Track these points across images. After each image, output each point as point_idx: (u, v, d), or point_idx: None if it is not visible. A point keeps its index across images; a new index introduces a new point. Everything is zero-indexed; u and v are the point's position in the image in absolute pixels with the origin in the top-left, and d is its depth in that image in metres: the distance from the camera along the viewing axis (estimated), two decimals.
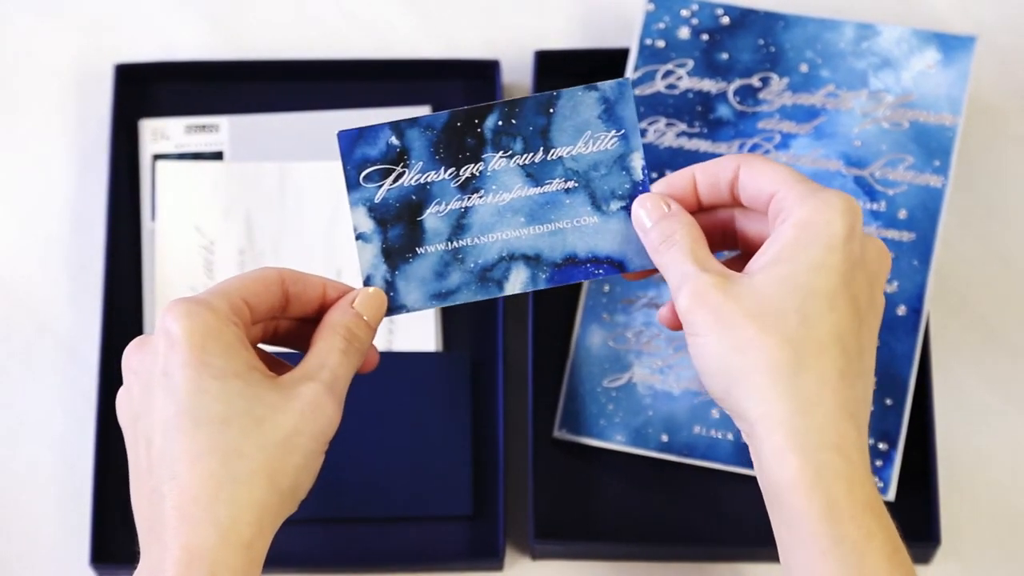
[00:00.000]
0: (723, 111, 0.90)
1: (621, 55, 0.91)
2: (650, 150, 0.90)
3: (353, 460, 0.87)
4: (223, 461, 0.67)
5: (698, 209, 0.73)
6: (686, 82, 0.91)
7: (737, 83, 0.90)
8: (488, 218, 0.72)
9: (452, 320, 0.90)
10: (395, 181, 0.72)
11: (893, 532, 0.68)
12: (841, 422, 0.69)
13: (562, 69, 0.93)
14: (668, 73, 0.91)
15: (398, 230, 0.72)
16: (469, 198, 0.72)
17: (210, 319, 0.70)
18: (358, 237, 0.73)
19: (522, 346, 0.89)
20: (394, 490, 0.87)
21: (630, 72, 0.91)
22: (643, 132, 0.90)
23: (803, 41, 0.90)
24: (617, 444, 0.87)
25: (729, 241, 0.75)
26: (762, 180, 0.72)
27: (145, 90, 0.94)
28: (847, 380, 0.69)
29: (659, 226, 0.72)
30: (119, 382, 0.87)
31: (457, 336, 0.90)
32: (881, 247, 0.72)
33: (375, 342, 0.74)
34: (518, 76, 0.94)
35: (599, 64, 0.93)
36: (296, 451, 0.69)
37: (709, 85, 0.90)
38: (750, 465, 0.86)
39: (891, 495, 0.86)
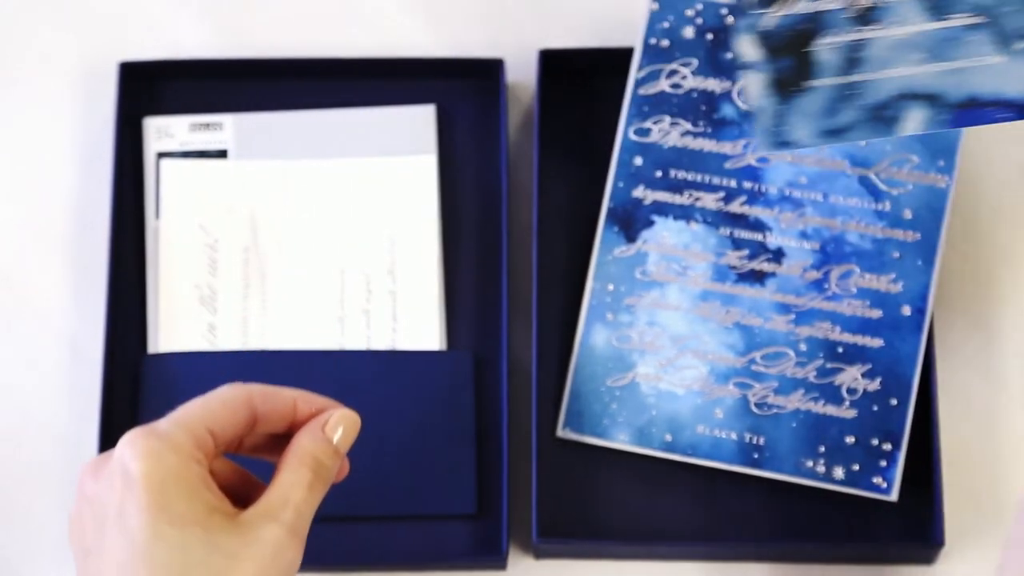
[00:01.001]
0: (727, 110, 0.90)
1: (626, 54, 0.91)
2: (654, 149, 0.90)
3: (356, 458, 0.86)
4: None
5: None
6: (690, 81, 0.90)
7: (741, 82, 0.90)
8: (884, 53, 0.69)
9: (456, 318, 0.90)
10: (786, 8, 0.70)
11: None
12: None
13: (566, 68, 0.93)
14: (672, 72, 0.90)
15: (788, 61, 0.70)
16: (863, 30, 0.69)
17: (172, 460, 0.68)
18: (744, 67, 0.70)
19: (526, 345, 0.89)
20: (397, 488, 0.86)
21: (634, 71, 0.90)
22: (647, 131, 0.90)
23: None
24: (620, 443, 0.87)
25: None
26: None
27: (149, 88, 0.94)
28: None
29: None
30: (123, 381, 0.88)
31: (461, 334, 0.90)
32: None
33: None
34: (522, 75, 0.94)
35: (603, 63, 0.93)
36: None
37: (714, 84, 0.90)
38: (754, 465, 0.86)
39: (894, 496, 0.85)
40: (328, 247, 0.91)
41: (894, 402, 0.86)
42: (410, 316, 0.90)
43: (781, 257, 0.88)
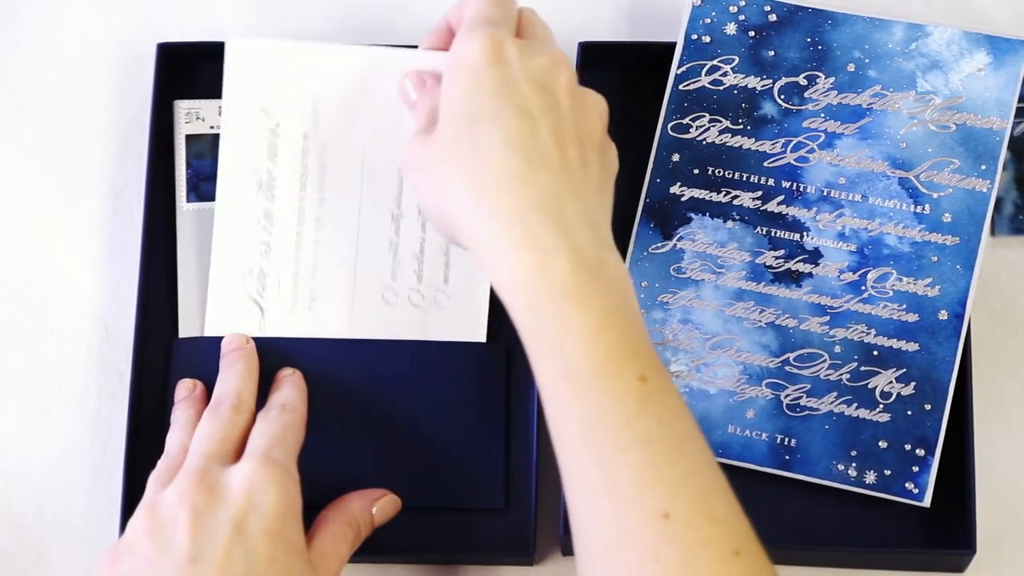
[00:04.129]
0: (768, 108, 0.89)
1: (667, 49, 0.91)
2: (693, 145, 0.89)
3: (387, 449, 0.86)
4: None
5: None
6: (731, 78, 0.90)
7: (783, 81, 0.90)
8: None
9: (489, 311, 0.89)
10: None
11: (594, 313, 0.71)
12: (527, 218, 0.72)
13: (606, 61, 0.92)
14: (713, 69, 0.90)
15: None
16: None
17: (294, 493, 0.76)
18: None
19: None
20: (426, 480, 0.86)
21: (675, 67, 0.90)
22: (686, 128, 0.89)
23: (851, 40, 0.89)
24: None
25: None
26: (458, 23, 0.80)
27: (188, 70, 0.93)
28: (527, 177, 0.73)
29: (418, 102, 0.81)
30: (154, 362, 0.88)
31: (493, 327, 0.89)
32: (549, 61, 0.78)
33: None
34: None
35: (644, 57, 0.92)
36: None
37: (754, 82, 0.90)
38: (784, 467, 0.86)
39: (926, 501, 0.85)
40: (389, 142, 0.88)
41: (928, 407, 0.86)
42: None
43: (818, 258, 0.88)
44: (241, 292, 0.88)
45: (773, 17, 0.90)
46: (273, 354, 0.86)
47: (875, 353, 0.86)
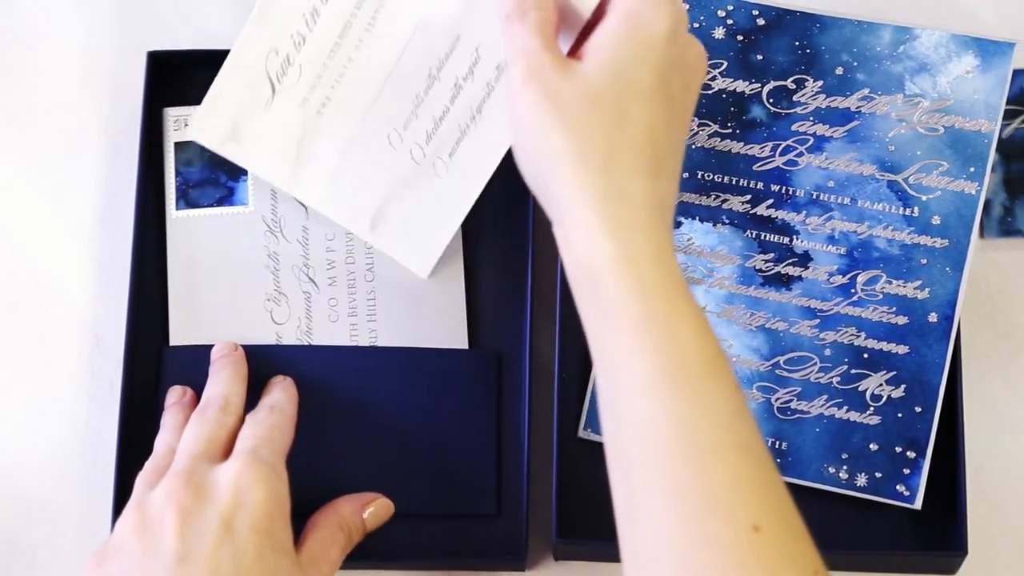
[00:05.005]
0: (756, 112, 0.89)
1: None
2: None
3: (379, 455, 0.86)
4: None
5: None
6: (720, 82, 0.90)
7: (771, 84, 0.90)
8: None
9: (479, 316, 0.90)
10: (1019, 122, 0.80)
11: (701, 314, 0.71)
12: (650, 210, 0.72)
13: None
14: None
15: (1021, 165, 0.79)
16: None
17: (282, 492, 0.76)
18: None
19: (549, 344, 0.88)
20: (417, 487, 0.86)
21: None
22: None
23: (839, 43, 0.90)
24: None
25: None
26: None
27: (178, 78, 0.93)
28: (655, 174, 0.73)
29: (531, 10, 0.75)
30: (144, 370, 0.88)
31: (484, 333, 0.89)
32: (701, 52, 0.77)
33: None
34: None
35: None
36: None
37: (743, 86, 0.90)
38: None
39: (917, 504, 0.85)
40: (456, 8, 0.86)
41: (919, 409, 0.86)
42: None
43: (807, 261, 0.88)
44: (261, 66, 0.88)
45: (761, 21, 0.90)
46: (263, 361, 0.87)
47: (865, 356, 0.87)
